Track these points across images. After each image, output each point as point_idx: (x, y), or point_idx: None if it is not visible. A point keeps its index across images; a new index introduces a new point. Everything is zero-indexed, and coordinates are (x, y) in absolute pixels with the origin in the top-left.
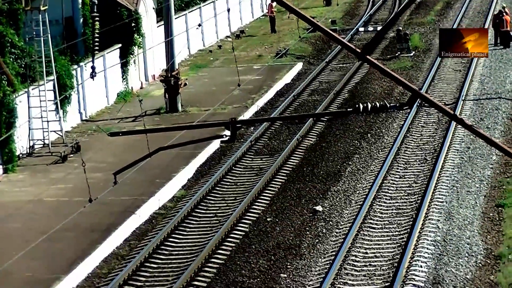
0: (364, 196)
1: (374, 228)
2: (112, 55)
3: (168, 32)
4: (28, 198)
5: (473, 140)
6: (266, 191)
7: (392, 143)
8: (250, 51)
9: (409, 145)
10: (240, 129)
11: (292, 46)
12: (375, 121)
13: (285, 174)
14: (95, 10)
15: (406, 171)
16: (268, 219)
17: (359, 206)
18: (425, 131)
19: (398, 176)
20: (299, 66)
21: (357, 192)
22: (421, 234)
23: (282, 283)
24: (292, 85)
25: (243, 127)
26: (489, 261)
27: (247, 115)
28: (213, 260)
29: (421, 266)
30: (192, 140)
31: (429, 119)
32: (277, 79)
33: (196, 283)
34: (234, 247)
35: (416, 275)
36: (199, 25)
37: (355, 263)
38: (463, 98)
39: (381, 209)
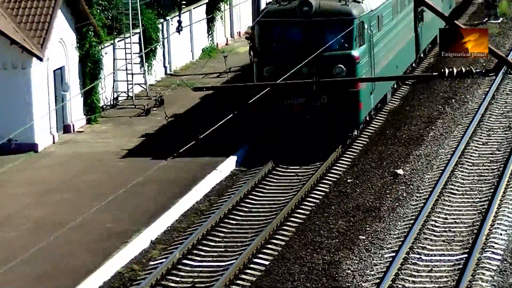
0: (446, 162)
1: (454, 194)
2: (199, 10)
3: None
4: (111, 149)
5: None
6: (348, 153)
7: (476, 109)
8: None
9: (493, 112)
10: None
11: None
12: (460, 86)
13: (367, 136)
14: None
15: (489, 138)
16: (349, 181)
17: (440, 171)
18: (510, 99)
19: (481, 143)
20: None
21: (439, 157)
22: (502, 202)
23: (361, 245)
24: None
25: None
26: None
27: None
28: (292, 219)
29: (501, 234)
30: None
31: None
32: None
33: (274, 241)
34: (314, 207)
35: (495, 243)
36: None
37: (435, 228)
38: None
39: (462, 175)
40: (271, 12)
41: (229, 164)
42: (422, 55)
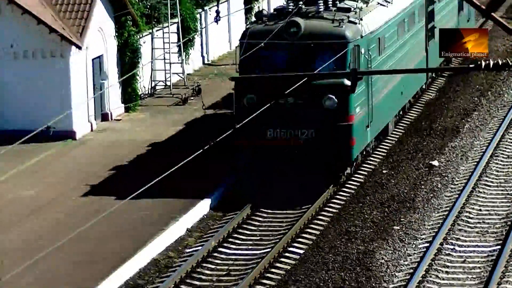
0: (481, 153)
1: (489, 185)
2: (237, 0)
3: None
4: (148, 137)
5: None
6: (383, 144)
7: None
8: None
9: None
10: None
11: None
12: (496, 79)
13: (403, 128)
14: None
15: None
16: (384, 171)
17: (475, 163)
18: None
19: None
20: None
21: (474, 149)
22: None
23: (395, 235)
24: None
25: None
26: None
27: None
28: (327, 209)
29: None
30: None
31: None
32: None
33: (309, 230)
34: (349, 197)
35: None
36: None
37: (469, 220)
38: None
39: (497, 167)
40: (254, 33)
41: None
42: (434, 74)
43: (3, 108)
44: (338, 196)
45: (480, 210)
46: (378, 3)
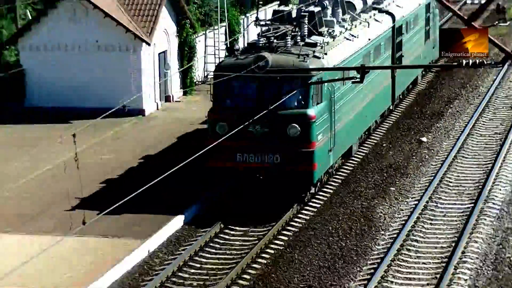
0: (460, 132)
1: (466, 157)
2: (273, 8)
3: None
4: (201, 115)
5: None
6: (384, 124)
7: (485, 92)
8: None
9: (499, 95)
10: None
11: None
12: (474, 74)
13: (400, 112)
14: None
15: (494, 115)
16: (384, 145)
17: (455, 140)
18: None
19: (488, 119)
20: None
21: (455, 128)
22: (502, 165)
23: (391, 194)
24: None
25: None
26: None
27: None
28: (339, 173)
29: (500, 189)
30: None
31: None
32: None
33: (324, 189)
34: (356, 164)
35: (495, 196)
36: None
37: (449, 184)
38: None
39: (472, 143)
40: (226, 66)
41: None
42: (401, 96)
43: (88, 90)
44: (347, 164)
45: (458, 176)
46: (345, 37)
